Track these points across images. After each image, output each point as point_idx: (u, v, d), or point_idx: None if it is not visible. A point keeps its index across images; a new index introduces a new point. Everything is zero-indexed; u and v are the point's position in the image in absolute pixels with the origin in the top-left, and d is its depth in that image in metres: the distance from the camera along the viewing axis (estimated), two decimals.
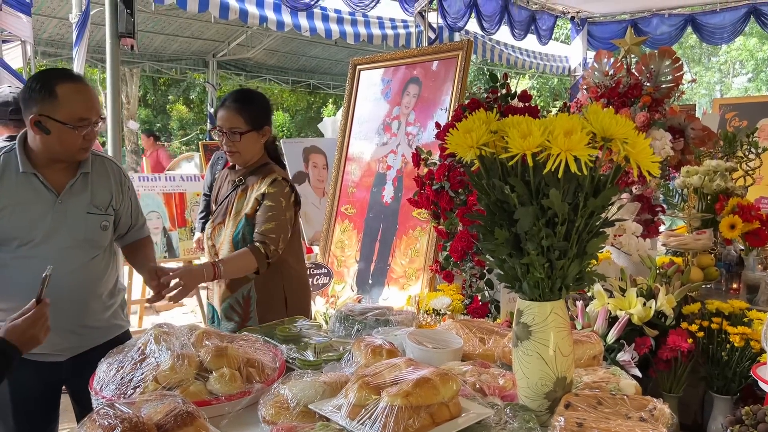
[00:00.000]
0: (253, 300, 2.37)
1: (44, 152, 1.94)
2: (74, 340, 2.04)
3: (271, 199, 2.30)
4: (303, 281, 2.59)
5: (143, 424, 1.17)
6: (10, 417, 2.03)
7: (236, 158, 2.40)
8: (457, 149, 1.31)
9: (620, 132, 1.23)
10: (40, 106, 1.87)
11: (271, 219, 2.27)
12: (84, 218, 2.02)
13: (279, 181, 2.35)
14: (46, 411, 2.11)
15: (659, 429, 1.22)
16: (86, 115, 1.91)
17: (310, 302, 2.71)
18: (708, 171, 3.20)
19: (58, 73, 1.94)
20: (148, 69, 12.55)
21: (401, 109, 4.04)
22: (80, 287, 2.03)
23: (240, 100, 2.36)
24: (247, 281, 2.37)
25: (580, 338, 1.66)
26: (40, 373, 2.02)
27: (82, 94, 1.91)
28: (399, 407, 1.19)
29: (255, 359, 1.58)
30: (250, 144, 2.37)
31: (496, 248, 1.35)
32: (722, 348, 2.76)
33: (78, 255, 2.01)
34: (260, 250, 2.21)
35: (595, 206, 1.28)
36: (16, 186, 1.94)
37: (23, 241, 1.93)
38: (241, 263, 2.21)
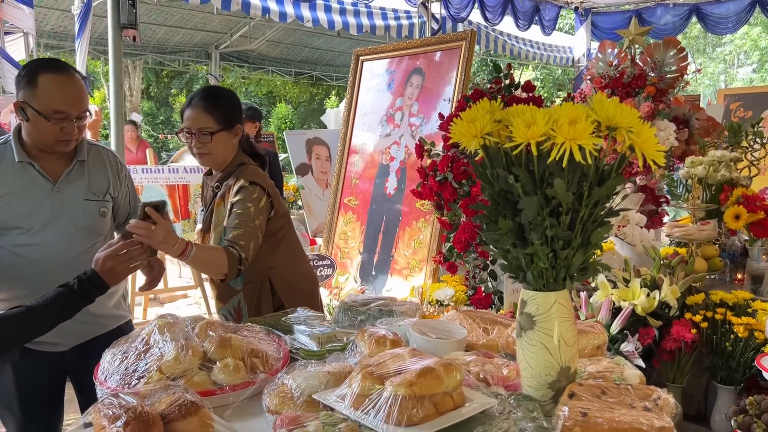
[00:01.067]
0: (244, 311, 2.29)
1: (30, 141, 1.95)
2: (78, 328, 2.03)
3: (239, 207, 2.15)
4: (304, 277, 2.46)
5: (147, 414, 1.17)
6: (17, 407, 2.05)
7: (207, 160, 2.25)
8: (460, 139, 1.30)
9: (625, 121, 1.22)
10: (23, 92, 1.88)
11: (240, 225, 2.11)
12: (82, 205, 2.03)
13: (246, 188, 2.18)
14: (51, 401, 2.12)
15: (663, 418, 1.22)
16: (62, 108, 1.88)
17: (319, 294, 2.59)
18: (712, 161, 3.19)
19: (45, 63, 1.93)
20: (150, 61, 12.55)
21: (404, 100, 4.03)
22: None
23: (208, 98, 2.21)
24: (235, 293, 2.28)
25: (584, 328, 1.66)
26: (44, 363, 2.04)
27: (62, 86, 1.88)
28: (403, 397, 1.19)
29: (259, 349, 1.59)
30: (221, 144, 2.20)
31: (500, 238, 1.35)
32: (726, 338, 2.75)
33: (79, 242, 2.02)
34: (234, 254, 2.05)
35: (600, 196, 1.28)
36: (12, 175, 1.95)
37: (23, 230, 1.94)
38: (211, 257, 2.04)
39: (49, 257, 1.97)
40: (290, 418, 1.25)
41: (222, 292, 2.32)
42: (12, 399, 2.03)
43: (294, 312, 1.98)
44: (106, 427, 1.16)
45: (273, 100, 19.09)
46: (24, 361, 2.02)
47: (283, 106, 18.63)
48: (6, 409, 2.07)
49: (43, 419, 2.08)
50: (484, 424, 1.24)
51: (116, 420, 1.15)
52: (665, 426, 1.20)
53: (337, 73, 14.46)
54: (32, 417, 2.06)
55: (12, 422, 2.08)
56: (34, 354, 2.02)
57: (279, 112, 18.42)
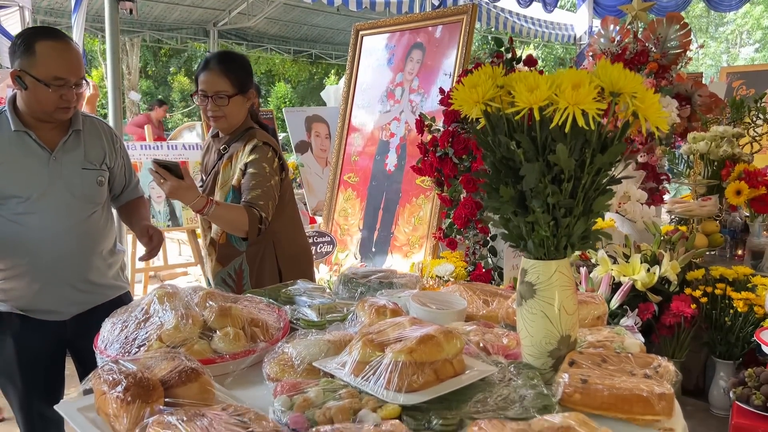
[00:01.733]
0: (246, 273, 2.31)
1: (27, 110, 1.96)
2: (78, 296, 2.06)
3: (254, 167, 2.19)
4: (301, 251, 2.49)
5: (147, 380, 1.16)
6: (18, 378, 2.05)
7: (221, 123, 2.28)
8: (462, 105, 1.29)
9: (629, 86, 1.20)
10: (20, 60, 1.89)
11: (257, 186, 2.16)
12: (80, 174, 2.04)
13: (260, 147, 2.23)
14: (52, 372, 2.13)
15: (664, 385, 1.22)
16: (62, 74, 1.90)
17: (313, 271, 2.63)
18: (715, 137, 3.17)
19: (42, 31, 1.95)
20: (148, 39, 12.44)
21: (404, 75, 3.99)
22: (82, 242, 2.05)
23: (224, 62, 2.24)
24: (238, 254, 2.30)
25: (585, 299, 1.65)
26: (45, 332, 2.05)
27: (61, 53, 1.90)
28: (403, 363, 1.19)
29: (259, 319, 1.58)
30: (236, 108, 2.26)
31: (501, 206, 1.34)
32: (725, 313, 2.76)
33: (77, 210, 2.03)
34: (255, 213, 2.11)
35: (603, 163, 1.26)
36: (9, 145, 1.95)
37: (22, 198, 1.95)
38: (234, 215, 2.10)
39: (48, 226, 1.97)
40: (290, 385, 1.25)
41: (223, 254, 2.33)
42: (13, 369, 2.04)
43: (294, 284, 1.98)
44: (107, 392, 1.16)
45: (272, 79, 18.96)
46: (25, 330, 2.03)
47: (282, 85, 18.50)
48: (7, 379, 2.08)
49: (44, 389, 2.09)
50: (484, 391, 1.24)
51: (116, 385, 1.15)
52: (665, 393, 1.20)
53: (337, 51, 14.34)
54: (34, 387, 2.07)
55: (14, 393, 2.09)
56: (34, 323, 2.03)
57: (278, 92, 18.29)
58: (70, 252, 2.02)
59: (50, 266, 1.99)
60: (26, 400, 2.07)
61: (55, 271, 2.00)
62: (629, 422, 1.20)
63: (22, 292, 2.00)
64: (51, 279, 2.00)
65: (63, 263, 2.01)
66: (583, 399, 1.21)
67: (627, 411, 1.19)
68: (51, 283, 2.01)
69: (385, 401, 1.17)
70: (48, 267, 1.99)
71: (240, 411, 1.10)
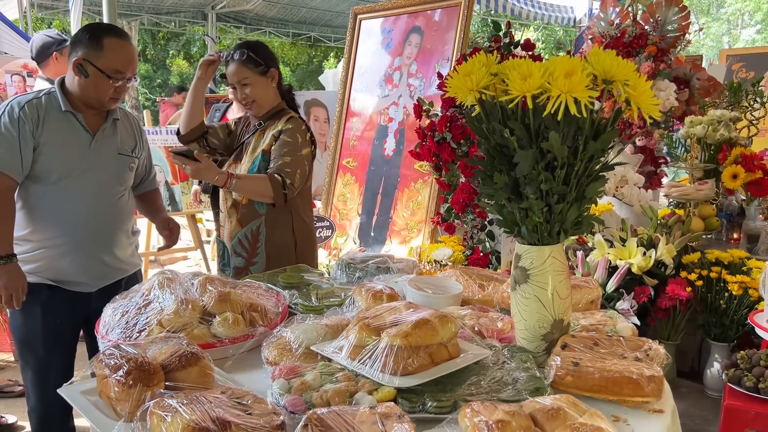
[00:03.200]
0: (262, 235, 2.44)
1: (80, 95, 2.13)
2: (104, 270, 2.23)
3: (288, 135, 2.37)
4: (311, 229, 2.64)
5: (148, 364, 1.19)
6: (41, 348, 2.16)
7: (255, 108, 2.46)
8: (457, 92, 1.30)
9: (621, 74, 1.21)
10: (85, 51, 2.07)
11: (287, 154, 2.33)
12: (116, 158, 2.23)
13: (295, 119, 2.45)
14: (70, 348, 2.25)
15: (653, 368, 1.24)
16: (123, 69, 2.10)
17: (317, 251, 2.74)
18: (712, 121, 3.18)
19: (107, 28, 2.19)
20: (146, 22, 12.35)
21: (403, 59, 3.99)
22: (112, 220, 2.24)
23: (242, 52, 2.43)
24: (258, 216, 2.43)
25: (579, 283, 1.68)
26: (71, 304, 2.18)
27: (125, 50, 2.11)
28: (398, 347, 1.22)
29: (258, 304, 1.61)
30: (261, 90, 2.44)
31: (495, 193, 1.35)
32: (721, 296, 2.79)
33: (111, 190, 2.22)
34: (277, 179, 2.26)
35: (595, 150, 1.28)
36: (58, 123, 2.11)
37: (62, 175, 2.10)
38: (256, 185, 2.27)
39: (84, 202, 2.14)
40: (288, 368, 1.27)
41: (244, 215, 2.46)
42: (38, 339, 2.15)
43: (293, 269, 2.01)
44: (108, 376, 1.18)
45: None
46: (52, 300, 2.15)
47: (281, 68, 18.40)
48: (30, 350, 2.18)
49: (62, 364, 2.18)
50: (478, 374, 1.27)
51: (118, 369, 1.17)
52: (655, 375, 1.22)
53: (336, 34, 14.24)
54: (53, 360, 2.18)
55: (33, 364, 2.18)
56: (63, 294, 2.16)
57: None
58: (101, 228, 2.19)
59: (84, 240, 2.15)
60: (44, 373, 2.16)
61: (87, 245, 2.16)
62: (620, 404, 1.22)
63: (55, 263, 2.14)
64: (83, 252, 2.16)
65: (95, 237, 2.18)
66: (574, 381, 1.24)
67: (617, 393, 1.21)
68: (83, 256, 2.16)
69: (381, 384, 1.20)
70: (82, 240, 2.15)
71: (239, 394, 1.13)
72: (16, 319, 2.18)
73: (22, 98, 2.13)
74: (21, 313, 2.15)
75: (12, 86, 4.44)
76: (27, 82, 4.50)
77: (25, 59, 4.43)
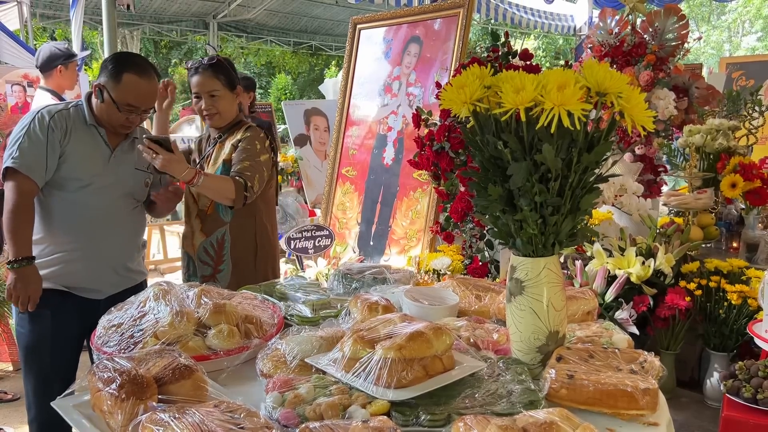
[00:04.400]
0: (227, 243, 2.49)
1: (98, 114, 2.24)
2: (115, 279, 2.30)
3: (246, 143, 2.43)
4: (274, 238, 2.67)
5: (141, 378, 1.19)
6: (47, 353, 2.19)
7: (216, 120, 2.51)
8: (451, 105, 1.30)
9: (614, 86, 1.22)
10: (106, 79, 2.18)
11: (246, 159, 2.38)
12: (132, 173, 2.32)
13: (253, 128, 2.50)
14: (74, 353, 2.28)
15: (648, 380, 1.24)
16: (135, 103, 2.19)
17: (278, 261, 2.80)
18: (710, 130, 3.18)
19: (132, 63, 2.21)
20: (148, 31, 12.41)
21: (402, 69, 4.00)
22: (126, 231, 2.33)
23: (213, 65, 2.48)
24: (222, 224, 2.48)
25: (575, 294, 1.67)
26: (80, 310, 2.23)
27: (140, 88, 2.18)
28: (393, 360, 1.21)
29: (253, 316, 1.61)
30: (227, 104, 2.50)
31: (489, 204, 1.35)
32: (720, 306, 2.78)
33: (126, 204, 2.31)
34: (240, 181, 2.30)
35: (589, 161, 1.28)
36: (84, 135, 2.21)
37: (82, 185, 2.19)
38: (220, 184, 2.29)
39: (99, 213, 2.22)
40: (282, 381, 1.27)
41: (209, 225, 2.51)
42: (45, 345, 2.19)
43: (290, 279, 2.00)
44: (102, 389, 1.18)
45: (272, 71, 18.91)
46: (63, 305, 2.20)
47: (283, 77, 18.44)
48: (36, 355, 2.21)
49: (65, 374, 2.20)
50: (472, 387, 1.27)
51: (111, 383, 1.17)
52: (650, 387, 1.22)
53: (336, 43, 14.30)
54: (58, 367, 2.21)
55: (38, 371, 2.21)
56: (73, 300, 2.21)
57: (278, 83, 18.25)
58: (115, 237, 2.27)
59: (97, 248, 2.23)
60: (47, 383, 2.18)
61: (101, 253, 2.24)
62: (614, 416, 1.22)
63: (68, 268, 2.19)
64: (96, 259, 2.23)
65: (109, 246, 2.26)
66: (569, 394, 1.23)
67: (612, 406, 1.21)
68: (96, 263, 2.23)
69: (375, 397, 1.19)
70: (95, 248, 2.22)
71: (232, 408, 1.13)
72: (24, 324, 2.22)
73: (53, 108, 2.23)
74: (29, 318, 2.19)
75: (12, 96, 4.46)
76: (27, 92, 4.51)
77: (26, 69, 4.45)
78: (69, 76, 3.69)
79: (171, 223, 5.39)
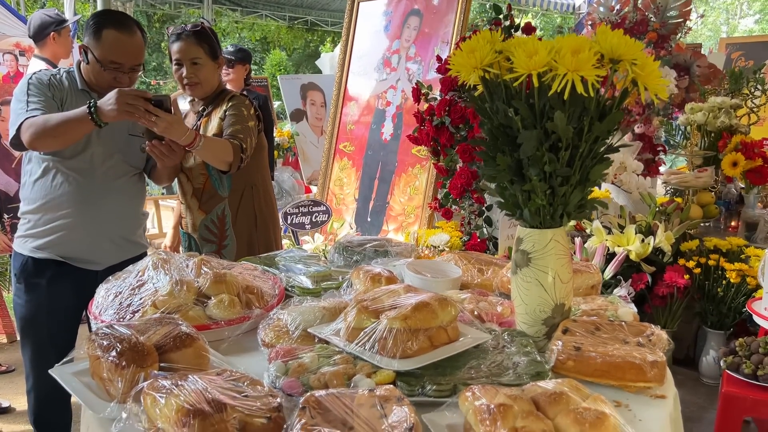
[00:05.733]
0: (228, 218, 2.43)
1: (87, 77, 2.19)
2: (112, 249, 2.24)
3: (233, 110, 2.36)
4: (272, 205, 2.63)
5: (142, 345, 1.16)
6: (45, 324, 2.18)
7: (197, 90, 2.42)
8: (460, 70, 1.27)
9: (629, 53, 1.18)
10: (88, 39, 2.13)
11: (236, 123, 2.32)
12: (127, 139, 2.26)
13: (237, 96, 2.43)
14: (72, 324, 2.26)
15: (656, 353, 1.23)
16: (118, 60, 2.12)
17: (279, 228, 2.75)
18: (712, 108, 3.16)
19: (111, 19, 2.15)
20: (141, 4, 12.22)
21: (401, 42, 3.94)
22: (125, 200, 2.26)
23: (196, 33, 2.39)
24: (221, 200, 2.43)
25: (580, 268, 1.66)
26: (79, 280, 2.19)
27: (121, 43, 2.11)
28: (397, 330, 1.19)
29: (254, 286, 1.58)
30: (209, 74, 2.41)
31: (497, 174, 1.33)
32: (718, 284, 2.78)
33: (122, 171, 2.25)
34: (236, 143, 2.25)
35: (600, 131, 1.25)
36: (77, 101, 2.13)
37: (76, 152, 2.13)
38: (220, 147, 2.23)
39: (94, 180, 2.17)
40: (285, 351, 1.25)
41: (206, 201, 2.45)
42: (42, 315, 2.17)
43: (289, 252, 1.98)
44: (101, 357, 1.16)
45: (267, 47, 18.69)
46: (60, 276, 2.16)
47: (277, 52, 18.23)
48: (31, 325, 2.19)
49: (62, 345, 2.16)
50: (477, 358, 1.25)
51: (110, 350, 1.15)
52: (657, 360, 1.21)
53: (333, 18, 14.13)
54: (55, 338, 2.18)
55: (35, 342, 2.20)
56: (70, 271, 2.17)
57: (273, 59, 18.05)
58: (111, 206, 2.21)
59: (94, 217, 2.18)
60: (44, 352, 2.16)
61: (97, 222, 2.19)
62: (621, 389, 1.21)
63: (65, 238, 2.15)
64: (93, 229, 2.18)
65: (105, 215, 2.20)
66: (576, 366, 1.22)
67: (619, 378, 1.20)
68: (93, 233, 2.18)
69: (380, 367, 1.17)
70: (92, 217, 2.17)
71: (235, 376, 1.11)
72: (21, 295, 2.20)
73: (45, 72, 2.19)
74: (26, 288, 2.18)
75: (3, 65, 4.37)
76: (19, 62, 4.43)
77: (18, 38, 4.35)
78: (63, 43, 3.61)
79: (165, 198, 5.35)
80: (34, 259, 2.16)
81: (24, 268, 2.18)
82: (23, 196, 2.22)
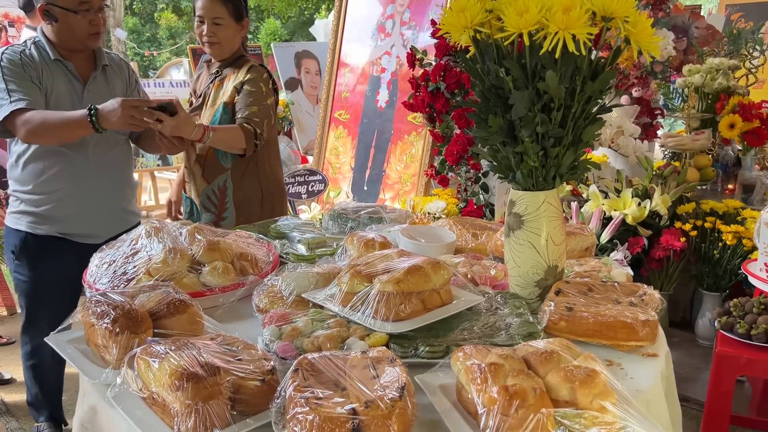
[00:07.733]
0: (229, 190, 2.41)
1: (60, 42, 2.09)
2: (111, 222, 2.23)
3: (251, 85, 2.30)
4: (279, 181, 2.59)
5: (135, 311, 1.17)
6: (49, 299, 2.19)
7: (216, 50, 2.37)
8: (450, 30, 1.25)
9: (621, 10, 1.16)
10: None
11: (253, 103, 2.27)
12: None
13: (256, 67, 2.36)
14: (74, 297, 2.25)
15: (648, 312, 1.23)
16: None
17: (287, 204, 2.71)
18: (710, 69, 3.12)
19: None
20: None
21: (395, 7, 3.88)
22: (113, 168, 2.24)
23: None
24: (224, 171, 2.40)
25: (573, 230, 1.66)
26: (80, 254, 2.15)
27: None
28: (390, 293, 1.20)
29: (248, 253, 1.58)
30: (230, 36, 2.35)
31: (489, 136, 1.32)
32: (714, 246, 2.79)
33: (109, 140, 2.20)
34: (249, 129, 2.22)
35: (593, 91, 1.24)
36: (52, 73, 2.09)
37: None
38: (231, 136, 2.21)
39: (83, 152, 2.14)
40: (279, 315, 1.26)
41: (209, 170, 2.42)
42: (45, 289, 2.18)
43: (284, 219, 1.98)
44: (95, 323, 1.16)
45: (261, 15, 18.44)
46: (64, 253, 2.17)
47: (272, 21, 17.99)
48: (35, 299, 2.21)
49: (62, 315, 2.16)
50: (470, 320, 1.26)
51: (104, 317, 1.15)
52: (649, 319, 1.21)
53: None
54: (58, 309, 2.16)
55: (37, 313, 2.22)
56: (71, 246, 2.18)
57: (268, 28, 17.82)
58: (103, 177, 2.20)
59: (88, 190, 2.17)
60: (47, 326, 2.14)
61: (92, 195, 2.18)
62: (613, 348, 1.22)
63: (63, 214, 2.15)
64: (89, 202, 2.18)
65: (98, 187, 2.19)
66: (568, 326, 1.22)
67: (611, 337, 1.21)
68: (89, 207, 2.18)
69: (373, 330, 1.18)
70: (86, 191, 2.17)
71: (229, 341, 1.11)
72: (23, 272, 2.20)
73: (11, 49, 2.09)
74: (29, 265, 2.18)
75: None
76: (8, 32, 4.37)
77: (6, 8, 4.29)
78: None
79: (161, 169, 5.33)
80: (34, 235, 2.15)
81: (24, 245, 2.17)
82: (13, 176, 2.19)
